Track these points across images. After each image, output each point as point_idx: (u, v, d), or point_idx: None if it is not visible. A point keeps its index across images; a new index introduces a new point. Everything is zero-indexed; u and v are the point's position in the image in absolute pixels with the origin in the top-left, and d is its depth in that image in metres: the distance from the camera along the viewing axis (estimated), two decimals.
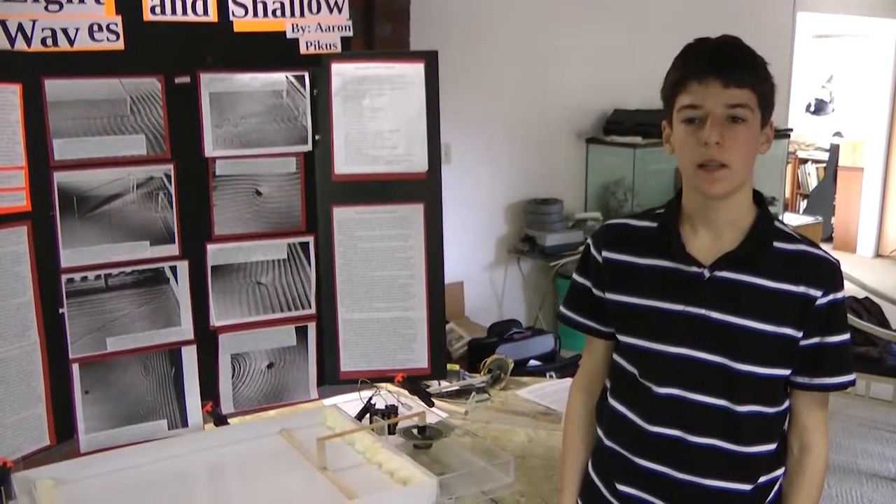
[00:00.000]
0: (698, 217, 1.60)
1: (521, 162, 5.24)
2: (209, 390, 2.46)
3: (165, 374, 2.39)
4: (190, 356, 2.41)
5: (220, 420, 2.42)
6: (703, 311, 1.56)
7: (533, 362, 3.98)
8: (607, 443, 1.72)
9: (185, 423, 2.41)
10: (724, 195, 1.53)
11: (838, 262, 1.58)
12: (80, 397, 2.28)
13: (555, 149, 5.41)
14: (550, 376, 3.35)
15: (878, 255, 8.75)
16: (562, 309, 1.81)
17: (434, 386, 2.76)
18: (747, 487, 1.59)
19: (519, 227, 5.24)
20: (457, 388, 2.78)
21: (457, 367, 2.94)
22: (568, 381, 2.94)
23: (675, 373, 1.59)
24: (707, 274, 1.56)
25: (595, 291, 1.71)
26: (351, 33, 2.60)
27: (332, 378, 2.61)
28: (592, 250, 1.71)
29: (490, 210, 5.17)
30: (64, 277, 2.24)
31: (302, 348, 2.56)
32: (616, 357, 1.72)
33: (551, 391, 2.84)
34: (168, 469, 2.05)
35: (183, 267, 2.39)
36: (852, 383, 1.58)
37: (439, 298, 2.61)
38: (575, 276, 1.77)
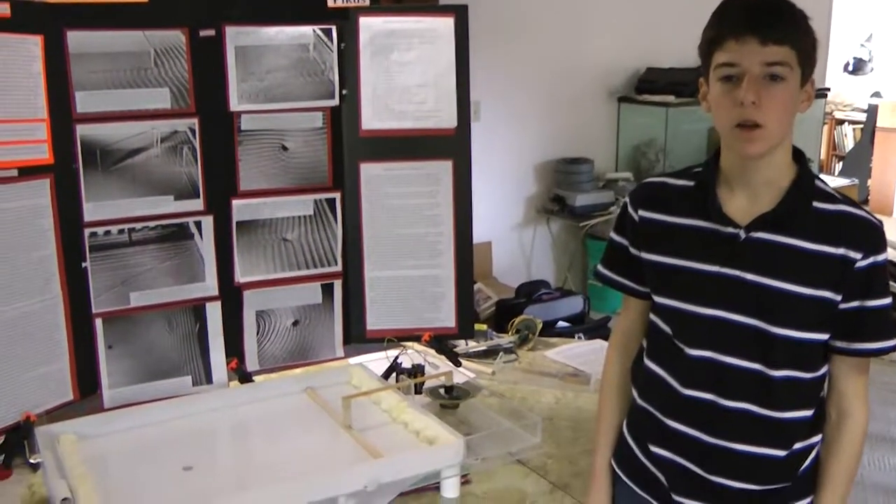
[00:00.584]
0: (735, 177, 1.55)
1: (552, 120, 5.16)
2: (234, 347, 2.45)
3: (190, 330, 2.37)
4: (214, 312, 2.40)
5: (245, 377, 2.41)
6: (737, 273, 1.52)
7: (561, 323, 3.93)
8: (641, 403, 1.69)
9: (209, 380, 2.41)
10: (760, 155, 1.49)
11: (881, 223, 1.52)
12: (104, 352, 2.28)
13: (586, 107, 5.33)
14: (579, 338, 3.31)
15: None
16: (599, 267, 1.78)
17: (461, 346, 2.74)
18: (781, 453, 1.56)
19: (548, 187, 5.18)
20: (484, 348, 2.76)
21: (484, 326, 2.92)
22: (597, 342, 2.92)
23: (708, 335, 1.55)
24: (743, 235, 1.52)
25: (632, 250, 1.68)
26: None
27: (358, 336, 2.60)
28: (629, 209, 1.68)
29: (519, 169, 5.11)
30: (87, 231, 2.23)
31: (328, 306, 2.54)
32: (652, 317, 1.68)
33: (579, 352, 2.81)
34: (192, 426, 2.04)
35: (207, 222, 2.37)
36: (894, 349, 1.53)
37: (467, 257, 2.58)
38: (612, 234, 1.75)
